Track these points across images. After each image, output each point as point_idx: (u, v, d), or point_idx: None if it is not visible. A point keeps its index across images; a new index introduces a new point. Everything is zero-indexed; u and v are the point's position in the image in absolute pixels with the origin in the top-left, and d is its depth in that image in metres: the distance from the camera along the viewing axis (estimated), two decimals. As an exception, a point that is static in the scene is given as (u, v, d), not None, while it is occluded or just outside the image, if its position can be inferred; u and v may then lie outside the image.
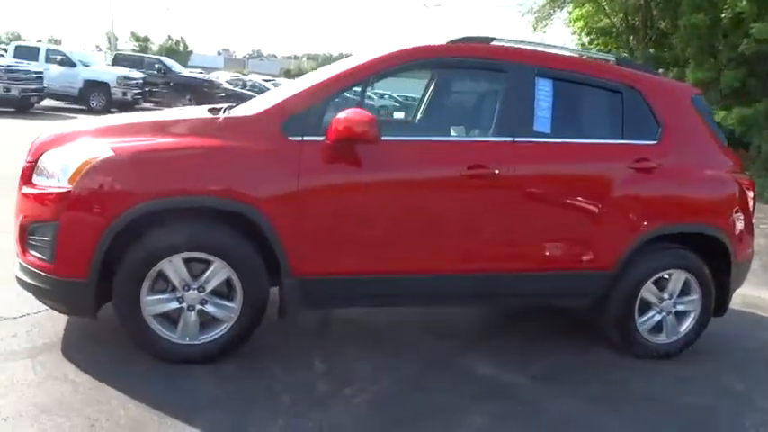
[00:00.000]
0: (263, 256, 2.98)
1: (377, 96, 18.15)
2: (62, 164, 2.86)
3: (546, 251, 3.35)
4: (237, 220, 2.91)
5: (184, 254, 2.88)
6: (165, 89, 20.01)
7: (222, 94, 19.12)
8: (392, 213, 3.12)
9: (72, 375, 2.80)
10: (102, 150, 2.84)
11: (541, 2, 17.23)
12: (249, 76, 28.39)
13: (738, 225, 3.67)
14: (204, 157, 2.91)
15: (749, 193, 3.75)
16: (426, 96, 4.25)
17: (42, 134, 3.20)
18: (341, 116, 2.90)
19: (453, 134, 3.40)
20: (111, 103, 17.06)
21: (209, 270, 2.93)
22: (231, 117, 3.12)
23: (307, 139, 2.98)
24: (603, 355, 3.66)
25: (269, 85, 21.14)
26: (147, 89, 19.10)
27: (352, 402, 2.84)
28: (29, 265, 2.93)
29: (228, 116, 3.13)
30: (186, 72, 23.54)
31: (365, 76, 3.21)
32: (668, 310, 3.62)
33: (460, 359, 3.41)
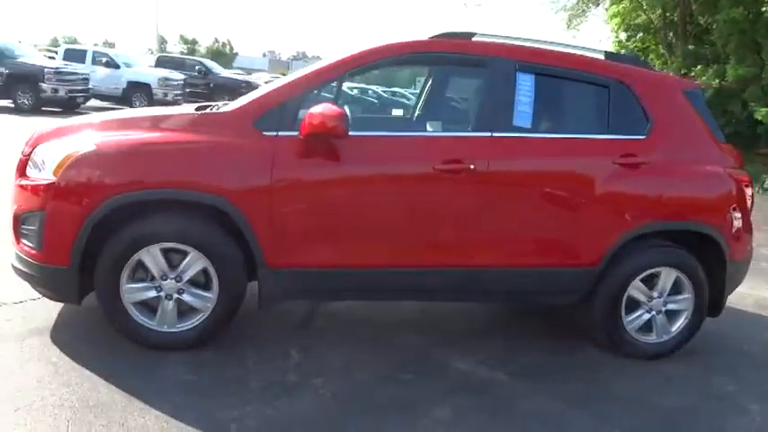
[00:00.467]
0: (241, 248, 3.07)
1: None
2: (49, 157, 3.01)
3: (524, 247, 3.32)
4: (212, 213, 3.00)
5: (161, 244, 2.98)
6: (205, 90, 20.52)
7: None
8: (365, 208, 3.14)
9: (55, 359, 2.95)
10: (85, 144, 2.97)
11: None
12: (288, 77, 28.69)
13: (734, 223, 3.54)
14: (179, 152, 3.01)
15: (747, 191, 3.62)
16: (409, 92, 4.26)
17: (40, 128, 3.36)
18: (310, 111, 2.95)
19: (429, 129, 3.40)
20: (153, 103, 17.57)
21: (185, 260, 3.03)
22: (208, 113, 3.22)
23: (281, 134, 3.04)
24: (592, 355, 3.58)
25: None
26: (188, 90, 19.62)
27: (318, 393, 2.88)
28: (21, 253, 3.10)
29: (205, 112, 3.22)
30: (226, 73, 24.08)
31: (342, 72, 3.25)
32: (658, 308, 3.53)
33: (439, 354, 3.40)
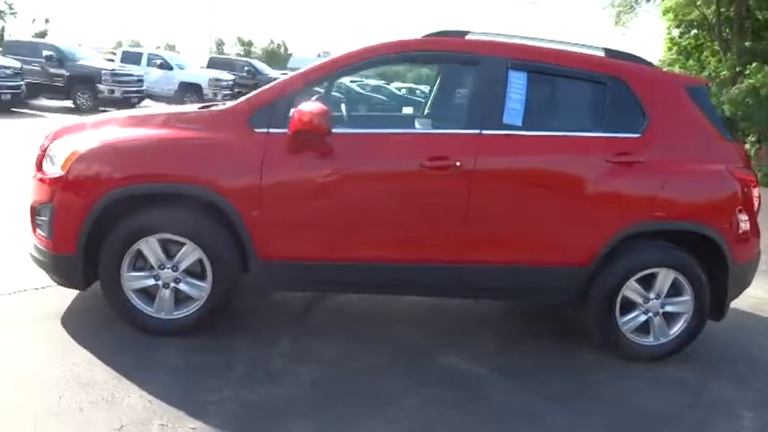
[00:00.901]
0: (234, 241, 3.21)
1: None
2: (60, 152, 3.24)
3: (512, 245, 3.32)
4: (207, 206, 3.15)
5: (159, 235, 3.16)
6: (254, 89, 21.04)
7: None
8: (350, 204, 3.22)
9: (60, 340, 3.16)
10: (90, 141, 3.18)
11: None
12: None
13: (738, 224, 3.42)
14: (176, 148, 3.18)
15: (754, 191, 3.50)
16: (402, 90, 4.32)
17: (57, 126, 3.61)
18: (298, 108, 3.06)
19: (418, 126, 3.45)
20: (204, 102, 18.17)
21: (181, 251, 3.19)
22: (204, 111, 3.38)
23: (272, 131, 3.17)
24: (587, 356, 3.55)
25: (354, 85, 21.61)
26: (237, 90, 20.19)
27: (298, 380, 2.99)
28: (37, 242, 3.34)
29: (201, 111, 3.39)
30: (274, 74, 24.61)
31: (335, 71, 3.35)
32: (655, 310, 3.46)
33: (429, 349, 3.44)
